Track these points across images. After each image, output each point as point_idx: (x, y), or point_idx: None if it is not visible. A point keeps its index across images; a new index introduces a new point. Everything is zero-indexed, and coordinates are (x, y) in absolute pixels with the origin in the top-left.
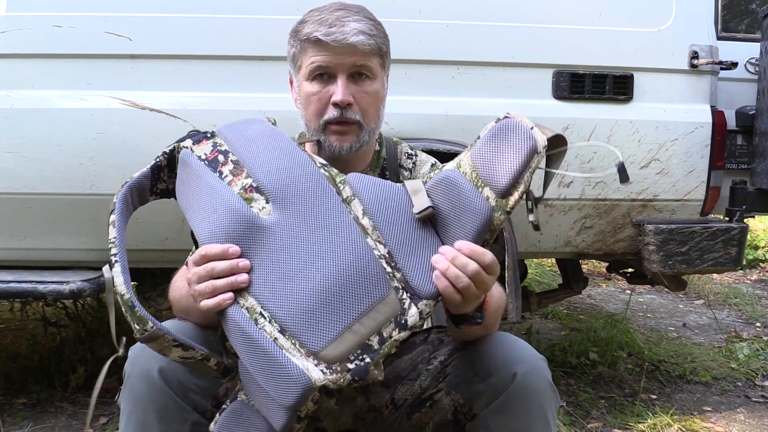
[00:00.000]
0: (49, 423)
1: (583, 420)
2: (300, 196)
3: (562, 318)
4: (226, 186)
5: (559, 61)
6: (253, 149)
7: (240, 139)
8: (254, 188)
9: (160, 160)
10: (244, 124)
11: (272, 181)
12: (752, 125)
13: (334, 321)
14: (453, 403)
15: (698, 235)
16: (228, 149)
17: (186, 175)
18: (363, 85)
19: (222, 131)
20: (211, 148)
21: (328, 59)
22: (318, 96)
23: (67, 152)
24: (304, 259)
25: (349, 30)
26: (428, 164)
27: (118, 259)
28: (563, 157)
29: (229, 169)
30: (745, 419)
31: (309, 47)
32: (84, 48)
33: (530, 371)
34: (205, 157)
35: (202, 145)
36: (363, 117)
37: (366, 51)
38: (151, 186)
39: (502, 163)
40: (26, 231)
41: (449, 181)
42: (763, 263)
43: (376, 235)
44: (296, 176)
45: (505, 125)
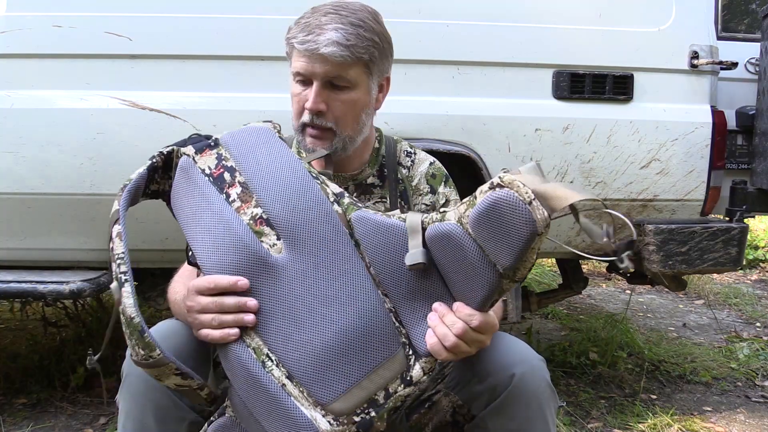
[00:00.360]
0: (49, 423)
1: (583, 420)
2: (314, 237)
3: (562, 318)
4: (235, 214)
5: (559, 61)
6: (263, 174)
7: (249, 157)
8: (265, 221)
9: (156, 161)
10: (251, 136)
11: (285, 218)
12: (752, 125)
13: (344, 376)
14: (452, 404)
15: (698, 235)
16: (235, 166)
17: (187, 187)
18: (339, 94)
19: (228, 143)
20: (216, 162)
21: (305, 66)
22: (298, 98)
23: (67, 152)
24: (316, 308)
25: (322, 40)
26: (426, 162)
27: (128, 278)
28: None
29: (237, 192)
30: (745, 419)
31: (293, 51)
32: (84, 48)
33: (528, 372)
34: (209, 172)
35: (205, 155)
36: (336, 124)
37: (337, 62)
38: (145, 187)
39: (503, 244)
40: (26, 231)
41: (453, 241)
42: (763, 263)
43: (381, 289)
44: (311, 216)
45: (500, 202)
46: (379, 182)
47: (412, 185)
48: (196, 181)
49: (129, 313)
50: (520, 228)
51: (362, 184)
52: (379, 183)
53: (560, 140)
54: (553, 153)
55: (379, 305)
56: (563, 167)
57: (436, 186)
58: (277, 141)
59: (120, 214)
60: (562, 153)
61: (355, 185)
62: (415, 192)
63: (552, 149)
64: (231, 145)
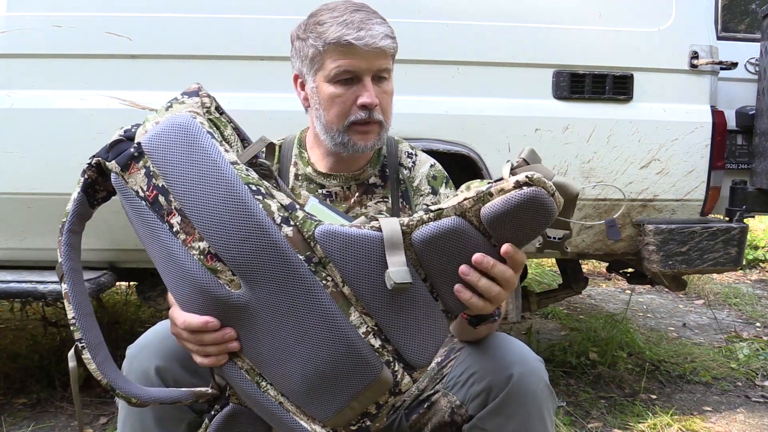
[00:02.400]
0: (49, 423)
1: (583, 420)
2: (264, 271)
3: (562, 318)
4: (184, 249)
5: (559, 61)
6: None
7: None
8: (213, 255)
9: (88, 175)
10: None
11: (230, 253)
12: (752, 125)
13: (331, 401)
14: (450, 405)
15: (698, 235)
16: (166, 187)
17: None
18: (383, 86)
19: (152, 152)
20: (146, 181)
21: (357, 63)
22: (343, 98)
23: (67, 152)
24: (288, 343)
25: (377, 34)
26: (427, 164)
27: (86, 343)
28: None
29: (177, 222)
30: (745, 419)
31: (334, 50)
32: (84, 48)
33: (527, 372)
34: (143, 195)
35: (133, 172)
36: (384, 116)
37: (391, 54)
38: (90, 203)
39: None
40: (26, 231)
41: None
42: (763, 263)
43: (360, 307)
44: (254, 249)
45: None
46: (381, 182)
47: (413, 186)
48: (136, 207)
49: (96, 376)
50: (542, 219)
51: (365, 184)
52: (381, 183)
53: (560, 140)
54: (553, 153)
55: (350, 334)
56: (563, 167)
57: (437, 187)
58: (204, 142)
59: (64, 268)
60: (562, 153)
61: (358, 185)
62: (416, 192)
63: (552, 149)
64: (155, 155)
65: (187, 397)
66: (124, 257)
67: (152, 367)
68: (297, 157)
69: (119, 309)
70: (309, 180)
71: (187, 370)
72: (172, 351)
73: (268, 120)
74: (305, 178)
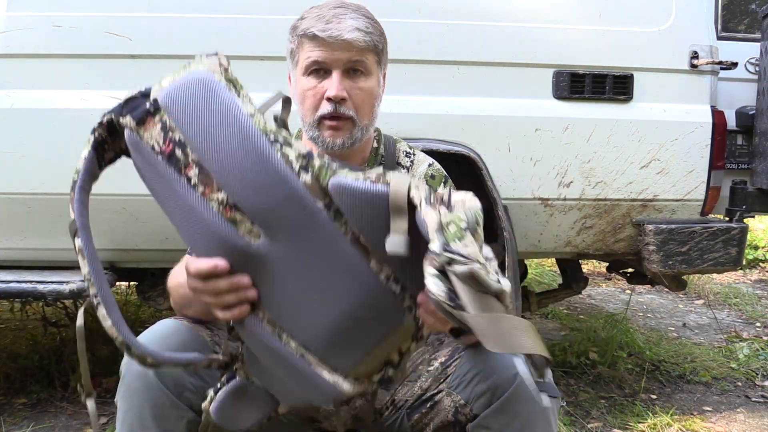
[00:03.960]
0: (49, 423)
1: (583, 420)
2: (285, 221)
3: (562, 318)
4: (203, 201)
5: (559, 61)
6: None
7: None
8: (233, 206)
9: (98, 134)
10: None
11: (250, 203)
12: (752, 125)
13: (354, 350)
14: (454, 404)
15: (698, 235)
16: (183, 140)
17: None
18: (357, 81)
19: (169, 106)
20: (163, 135)
21: (324, 54)
22: (313, 91)
23: (67, 152)
24: (310, 293)
25: (345, 26)
26: (425, 164)
27: (101, 299)
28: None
29: (195, 174)
30: (745, 419)
31: (306, 42)
32: (84, 48)
33: (532, 371)
34: (159, 149)
35: (149, 127)
36: (356, 113)
37: (361, 47)
38: (99, 163)
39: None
40: (26, 231)
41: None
42: (763, 263)
43: (377, 256)
44: (275, 198)
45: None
46: None
47: None
48: (152, 163)
49: (111, 333)
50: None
51: None
52: None
53: (560, 140)
54: (553, 153)
55: (372, 280)
56: (563, 167)
57: (436, 186)
58: (222, 95)
59: (78, 223)
60: (562, 153)
61: None
62: None
63: (552, 149)
64: (173, 110)
65: (201, 360)
66: (124, 257)
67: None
68: None
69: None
70: None
71: (186, 370)
72: (170, 350)
73: None
74: None
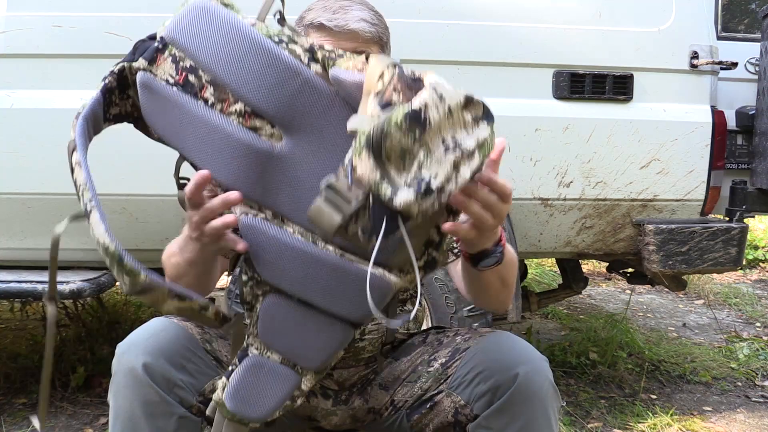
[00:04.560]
0: (49, 423)
1: (583, 420)
2: (306, 113)
3: (562, 318)
4: (223, 117)
5: (559, 61)
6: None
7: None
8: (251, 113)
9: (109, 81)
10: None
11: (268, 104)
12: (752, 125)
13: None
14: (454, 405)
15: (698, 235)
16: (194, 65)
17: (158, 105)
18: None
19: (176, 38)
20: (174, 66)
21: (330, 44)
22: None
23: (66, 152)
24: None
25: (351, 17)
26: None
27: (95, 204)
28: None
29: (210, 93)
30: (745, 419)
31: (312, 32)
32: (84, 48)
33: (532, 371)
34: (174, 81)
35: (160, 64)
36: None
37: (366, 38)
38: (104, 113)
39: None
40: (26, 231)
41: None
42: (763, 263)
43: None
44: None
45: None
46: None
47: None
48: (167, 95)
49: (103, 241)
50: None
51: None
52: None
53: (560, 140)
54: (553, 153)
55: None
56: (563, 167)
57: None
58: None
59: (77, 142)
60: (562, 153)
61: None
62: None
63: (552, 149)
64: (180, 40)
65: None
66: None
67: (140, 363)
68: None
69: (119, 309)
70: None
71: (175, 366)
72: (160, 347)
73: None
74: None
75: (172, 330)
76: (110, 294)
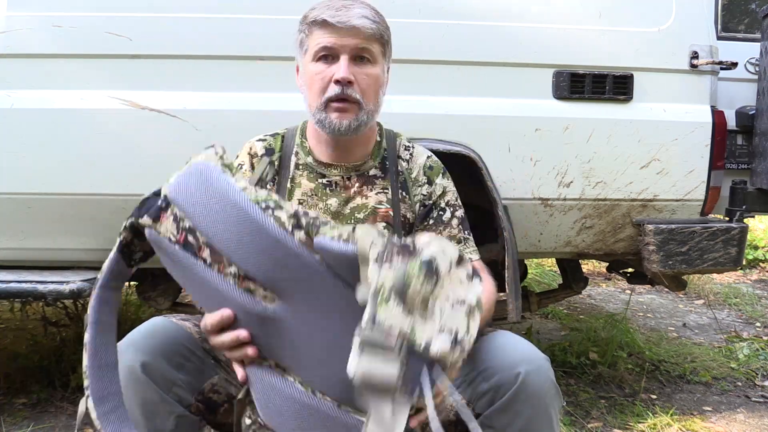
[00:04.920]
0: (49, 423)
1: (583, 420)
2: (293, 280)
3: (562, 318)
4: (221, 277)
5: (559, 61)
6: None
7: (200, 212)
8: (244, 277)
9: (123, 237)
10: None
11: (259, 271)
12: (752, 125)
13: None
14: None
15: (698, 235)
16: (193, 226)
17: (167, 260)
18: (364, 68)
19: (177, 199)
20: (176, 226)
21: (333, 40)
22: (321, 75)
23: (67, 152)
24: (330, 344)
25: (353, 14)
26: (424, 155)
27: (90, 392)
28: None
29: (207, 255)
30: (745, 419)
31: (315, 29)
32: (84, 48)
33: (534, 371)
34: (176, 240)
35: (164, 222)
36: (362, 96)
37: (368, 34)
38: (128, 262)
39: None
40: (26, 231)
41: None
42: (763, 263)
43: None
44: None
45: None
46: (381, 174)
47: (411, 177)
48: (171, 254)
49: (97, 426)
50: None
51: (365, 175)
52: (381, 174)
53: (560, 140)
54: (553, 153)
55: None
56: (563, 167)
57: (433, 178)
58: (218, 178)
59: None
60: (562, 153)
61: (358, 176)
62: (414, 183)
63: (552, 149)
64: (180, 200)
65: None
66: None
67: (138, 363)
68: (298, 146)
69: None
70: (310, 169)
71: (173, 366)
72: (158, 347)
73: (269, 120)
74: (306, 167)
75: (170, 329)
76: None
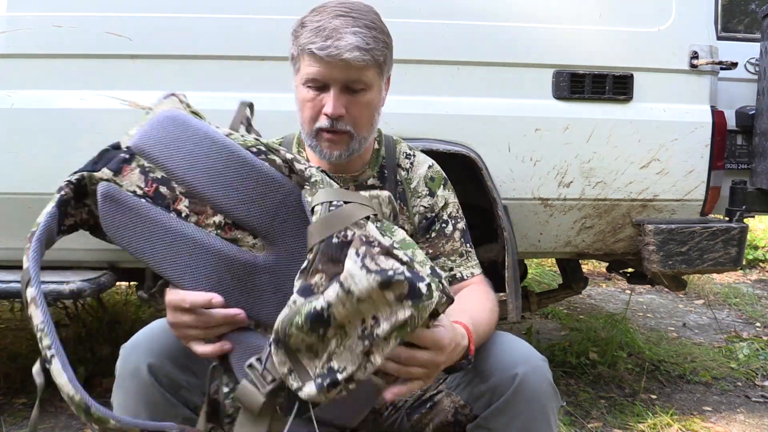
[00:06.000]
0: (49, 423)
1: (583, 420)
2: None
3: (562, 318)
4: (199, 230)
5: (559, 61)
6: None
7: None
8: (231, 225)
9: (65, 193)
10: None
11: (252, 217)
12: (752, 125)
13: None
14: (454, 405)
15: (698, 235)
16: (165, 175)
17: (124, 218)
18: (356, 96)
19: (145, 149)
20: (143, 178)
21: (321, 72)
22: (312, 103)
23: (67, 152)
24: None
25: (344, 45)
26: (425, 165)
27: (55, 352)
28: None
29: (185, 206)
30: (745, 419)
31: (305, 56)
32: (84, 48)
33: (531, 372)
34: (142, 193)
35: (127, 174)
36: (354, 127)
37: (360, 66)
38: (59, 225)
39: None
40: (26, 231)
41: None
42: (763, 263)
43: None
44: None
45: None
46: (380, 183)
47: (410, 187)
48: (134, 208)
49: (67, 390)
50: None
51: (363, 185)
52: (380, 184)
53: (560, 140)
54: (553, 153)
55: None
56: (563, 167)
57: (435, 189)
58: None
59: (31, 273)
60: (562, 153)
61: (356, 186)
62: (414, 194)
63: (552, 149)
64: (149, 150)
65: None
66: (124, 257)
67: (144, 364)
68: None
69: (119, 309)
70: None
71: (179, 368)
72: (164, 349)
73: (269, 120)
74: None
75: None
76: (110, 294)
